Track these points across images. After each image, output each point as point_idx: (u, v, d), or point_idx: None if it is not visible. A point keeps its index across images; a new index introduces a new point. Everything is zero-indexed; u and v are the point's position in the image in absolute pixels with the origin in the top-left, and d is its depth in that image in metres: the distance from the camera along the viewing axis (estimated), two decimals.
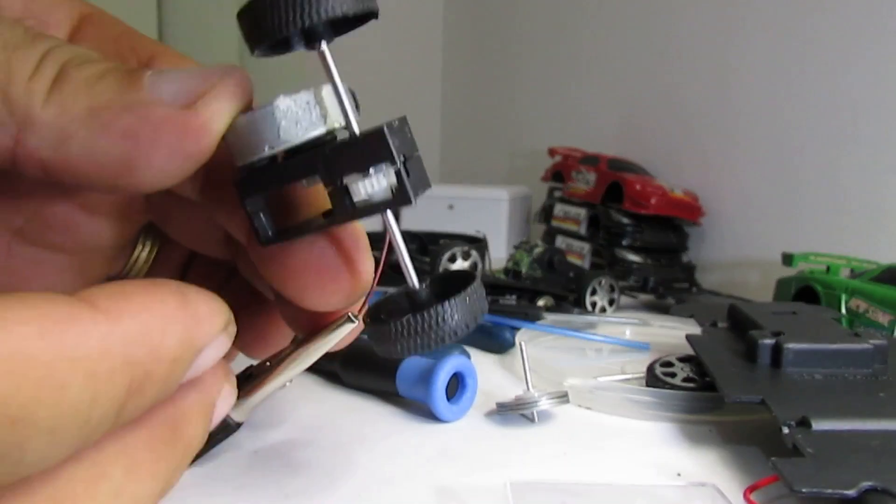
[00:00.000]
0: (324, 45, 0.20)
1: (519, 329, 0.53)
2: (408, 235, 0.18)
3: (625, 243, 0.78)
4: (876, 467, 0.27)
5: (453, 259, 0.57)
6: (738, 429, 0.38)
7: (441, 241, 0.60)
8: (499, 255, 0.82)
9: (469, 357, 0.43)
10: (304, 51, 0.20)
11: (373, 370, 0.41)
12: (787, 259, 0.64)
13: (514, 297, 0.65)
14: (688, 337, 0.45)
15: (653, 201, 0.77)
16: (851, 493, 0.26)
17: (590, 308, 0.65)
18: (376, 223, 0.21)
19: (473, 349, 0.52)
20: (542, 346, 0.54)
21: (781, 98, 0.78)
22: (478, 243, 0.62)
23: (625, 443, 0.36)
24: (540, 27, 1.21)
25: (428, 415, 0.38)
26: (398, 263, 0.21)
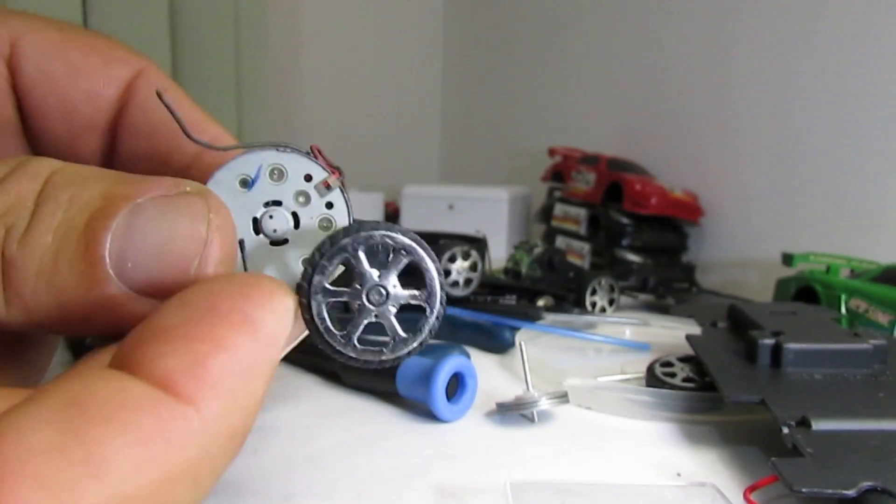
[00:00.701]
0: None
1: (519, 329, 0.53)
2: None
3: (625, 243, 0.78)
4: (876, 467, 0.27)
5: (453, 259, 0.57)
6: (738, 429, 0.38)
7: (441, 241, 0.60)
8: (499, 255, 0.82)
9: (469, 357, 0.43)
10: None
11: (373, 370, 0.41)
12: (787, 259, 0.64)
13: (514, 297, 0.65)
14: (688, 337, 0.45)
15: (653, 201, 0.78)
16: (851, 493, 0.26)
17: (590, 308, 0.65)
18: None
19: (473, 349, 0.52)
20: (542, 346, 0.54)
21: (781, 98, 0.78)
22: (478, 243, 0.62)
23: (625, 443, 0.36)
24: (540, 27, 1.21)
25: (428, 415, 0.38)
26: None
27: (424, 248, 0.19)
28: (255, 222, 0.20)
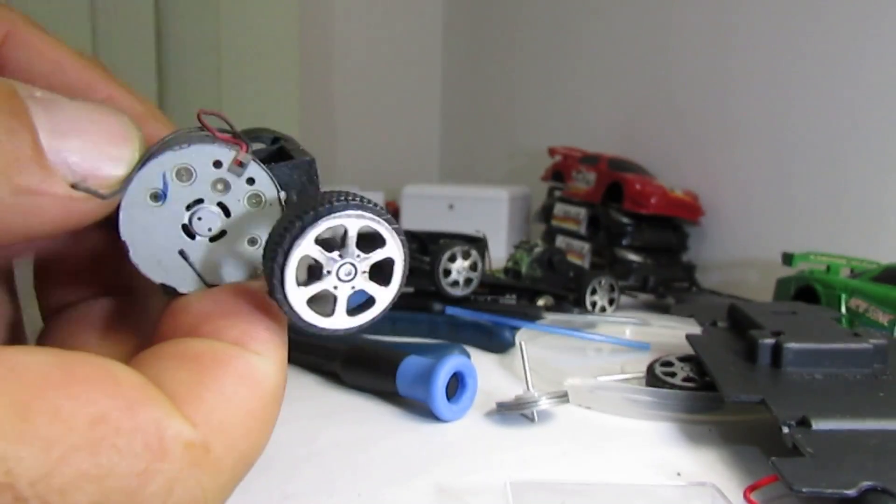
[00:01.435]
0: None
1: (519, 329, 0.53)
2: (408, 235, 0.18)
3: (625, 243, 0.78)
4: (876, 467, 0.27)
5: (453, 259, 0.57)
6: (738, 428, 0.38)
7: (441, 241, 0.59)
8: (499, 254, 0.82)
9: (469, 357, 0.43)
10: None
11: (373, 370, 0.41)
12: (787, 259, 0.64)
13: (514, 297, 0.65)
14: (688, 337, 0.45)
15: (653, 201, 0.77)
16: (851, 492, 0.26)
17: (590, 308, 0.65)
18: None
19: (473, 349, 0.52)
20: (542, 345, 0.54)
21: (781, 98, 0.78)
22: (478, 243, 0.62)
23: (625, 443, 0.36)
24: (540, 27, 1.21)
25: (428, 414, 0.38)
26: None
27: (371, 209, 0.18)
28: (186, 228, 0.19)
